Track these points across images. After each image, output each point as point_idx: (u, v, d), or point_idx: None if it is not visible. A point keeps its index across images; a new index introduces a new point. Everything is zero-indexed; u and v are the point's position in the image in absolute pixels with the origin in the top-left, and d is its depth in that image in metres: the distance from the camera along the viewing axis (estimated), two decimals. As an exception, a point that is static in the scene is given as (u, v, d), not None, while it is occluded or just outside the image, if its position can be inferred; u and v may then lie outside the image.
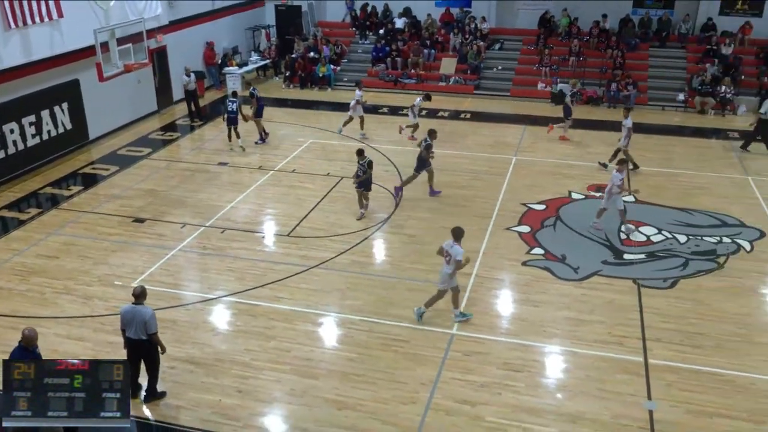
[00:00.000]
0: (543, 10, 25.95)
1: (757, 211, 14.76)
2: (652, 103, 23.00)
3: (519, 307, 11.33)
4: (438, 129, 20.27)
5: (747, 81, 22.83)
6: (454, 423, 8.62)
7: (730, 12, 24.49)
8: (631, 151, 16.93)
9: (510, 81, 24.68)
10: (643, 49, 24.80)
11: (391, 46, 25.71)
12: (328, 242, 13.34)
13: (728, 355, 10.00)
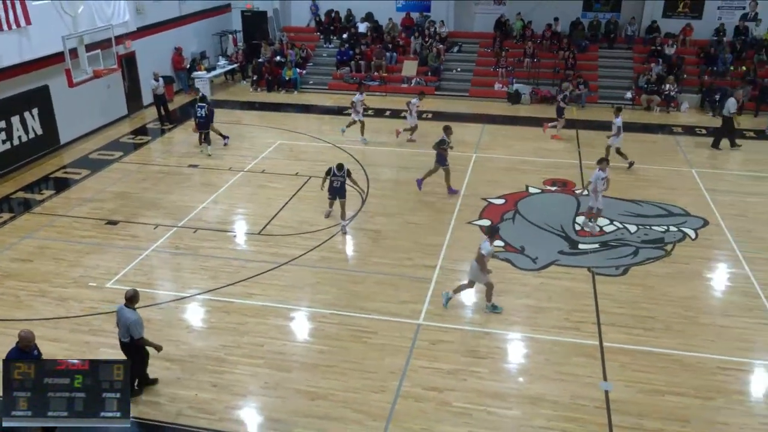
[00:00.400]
0: (498, 14, 26.12)
1: (701, 201, 15.09)
2: (602, 101, 23.31)
3: (482, 297, 11.38)
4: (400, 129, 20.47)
5: (689, 79, 23.30)
6: (422, 409, 8.65)
7: (673, 14, 24.97)
8: (589, 147, 17.20)
9: (468, 82, 24.80)
10: (592, 50, 25.12)
11: (355, 50, 25.62)
12: (297, 240, 13.26)
13: (676, 336, 10.22)
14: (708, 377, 9.31)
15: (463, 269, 12.13)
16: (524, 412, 8.61)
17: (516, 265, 12.32)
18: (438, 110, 22.61)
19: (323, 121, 21.55)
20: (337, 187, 13.39)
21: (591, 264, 12.40)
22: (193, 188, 15.90)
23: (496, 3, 26.30)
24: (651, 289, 11.52)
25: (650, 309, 10.92)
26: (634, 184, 16.03)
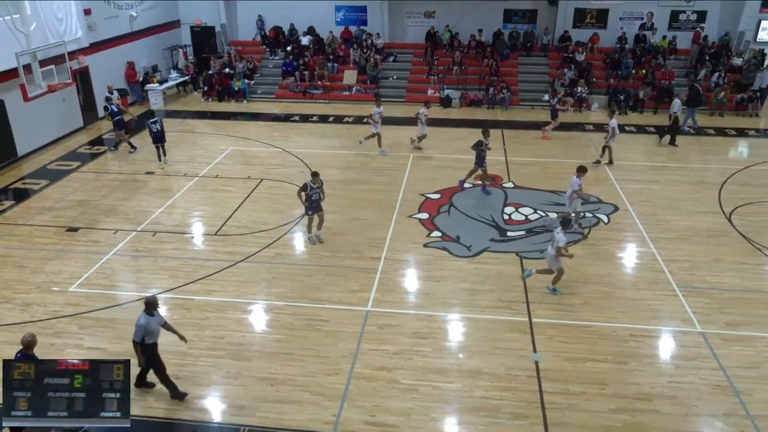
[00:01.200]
0: (428, 27, 26.33)
1: (612, 190, 15.59)
2: (524, 103, 23.82)
3: (423, 283, 11.50)
4: (343, 134, 20.47)
5: (597, 82, 24.02)
6: (374, 387, 8.68)
7: (581, 25, 25.70)
8: (514, 144, 17.50)
9: (404, 89, 24.90)
10: (513, 58, 25.57)
11: (299, 61, 25.35)
12: (252, 238, 13.06)
13: (594, 309, 10.54)
14: (622, 344, 9.65)
15: (406, 259, 12.26)
16: (465, 385, 8.76)
17: (453, 253, 12.46)
18: (377, 115, 22.65)
19: (272, 128, 21.25)
20: (316, 200, 12.38)
21: (519, 249, 12.63)
22: (150, 194, 15.43)
23: (426, 16, 26.50)
24: (571, 269, 11.72)
25: (572, 287, 11.21)
26: (554, 177, 16.38)
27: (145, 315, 7.97)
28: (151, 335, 8.04)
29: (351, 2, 26.62)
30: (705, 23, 24.96)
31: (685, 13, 25.09)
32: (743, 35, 24.63)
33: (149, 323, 7.96)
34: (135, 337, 7.98)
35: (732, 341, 9.68)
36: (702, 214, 14.17)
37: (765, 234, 13.18)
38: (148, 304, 8.00)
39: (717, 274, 11.62)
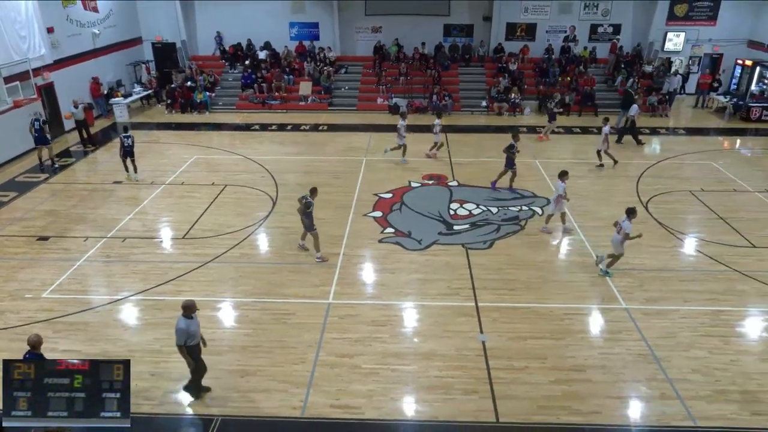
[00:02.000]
0: (376, 41, 26.37)
1: (544, 185, 15.96)
2: (464, 109, 24.11)
3: (379, 275, 11.52)
4: (301, 141, 20.28)
5: (529, 89, 24.56)
6: (337, 373, 8.65)
7: (513, 38, 26.19)
8: (454, 146, 17.66)
9: (356, 98, 24.84)
10: (453, 68, 25.84)
11: (257, 74, 24.97)
12: (218, 240, 12.79)
13: (533, 292, 10.77)
14: (558, 322, 9.89)
15: (362, 254, 12.25)
16: (420, 366, 8.82)
17: (405, 247, 12.52)
18: (331, 123, 22.53)
19: (234, 137, 20.87)
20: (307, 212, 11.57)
21: (464, 241, 12.79)
22: (118, 202, 14.91)
23: (374, 31, 26.52)
24: (512, 257, 12.06)
25: (512, 273, 11.43)
26: (493, 176, 16.55)
27: (184, 319, 7.63)
28: (192, 337, 7.77)
29: (304, 19, 26.40)
30: (620, 35, 25.87)
31: (602, 26, 25.92)
32: (653, 45, 25.65)
33: (189, 326, 7.63)
34: (177, 341, 7.68)
35: (651, 315, 10.07)
36: (623, 204, 14.55)
37: (676, 220, 13.77)
38: (186, 308, 7.64)
39: (637, 256, 12.05)
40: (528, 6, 25.55)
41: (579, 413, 7.89)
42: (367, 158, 18.22)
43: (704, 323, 9.82)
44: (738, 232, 13.09)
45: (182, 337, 7.62)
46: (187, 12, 26.20)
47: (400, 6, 25.70)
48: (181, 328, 7.58)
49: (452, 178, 16.52)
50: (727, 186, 15.81)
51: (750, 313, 10.17)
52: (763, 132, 21.32)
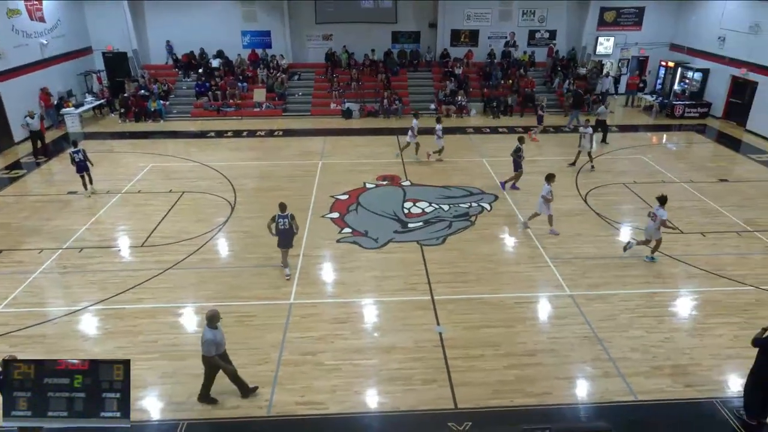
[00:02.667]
0: (327, 48, 26.24)
1: (491, 182, 16.24)
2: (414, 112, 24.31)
3: (338, 274, 11.47)
4: (257, 146, 19.97)
5: (474, 92, 24.95)
6: (301, 371, 8.57)
7: (457, 44, 26.59)
8: (382, 147, 17.77)
9: (309, 103, 24.65)
10: (402, 73, 26.00)
11: (211, 82, 24.42)
12: (178, 247, 12.44)
13: (484, 284, 10.95)
14: (509, 311, 10.09)
15: (321, 254, 12.17)
16: (381, 360, 8.83)
17: (362, 246, 12.52)
18: (286, 128, 22.29)
19: (190, 144, 20.33)
20: (282, 229, 10.81)
21: (418, 238, 12.87)
22: (74, 213, 14.28)
23: (324, 39, 26.37)
24: (464, 252, 12.21)
25: (465, 266, 11.59)
26: (443, 174, 16.87)
27: (210, 329, 7.42)
28: (219, 347, 7.57)
29: (255, 27, 25.99)
30: (556, 40, 26.66)
31: (539, 32, 26.64)
32: (585, 49, 26.54)
33: (216, 336, 7.45)
34: (206, 352, 7.47)
35: (594, 300, 10.41)
36: (564, 197, 15.10)
37: (612, 211, 14.29)
38: (211, 318, 7.43)
39: (579, 245, 12.45)
40: (470, 13, 26.00)
41: (531, 395, 8.08)
42: (322, 161, 18.11)
43: (640, 305, 10.24)
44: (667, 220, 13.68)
45: (211, 348, 7.46)
46: (138, 21, 25.37)
47: (349, 14, 25.68)
48: (209, 339, 7.40)
49: (405, 178, 16.62)
50: (656, 178, 16.53)
51: (680, 294, 10.67)
52: (686, 127, 22.40)
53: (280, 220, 10.80)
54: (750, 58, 21.19)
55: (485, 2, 25.74)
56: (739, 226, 13.34)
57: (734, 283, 10.95)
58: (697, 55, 24.44)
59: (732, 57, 22.20)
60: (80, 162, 15.10)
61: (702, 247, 12.34)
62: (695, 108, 23.46)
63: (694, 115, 23.49)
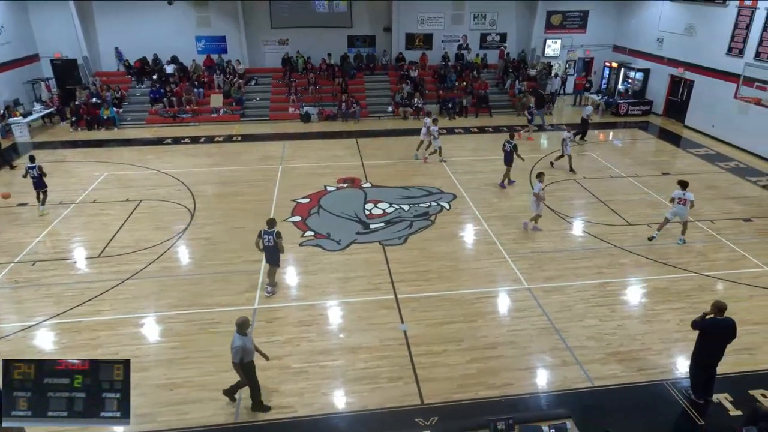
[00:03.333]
0: (283, 53, 25.98)
1: (450, 182, 16.44)
2: (372, 115, 24.33)
3: (302, 277, 11.37)
4: (215, 152, 19.58)
5: (429, 94, 25.17)
6: (268, 376, 8.43)
7: (412, 47, 26.78)
8: (365, 149, 17.73)
9: (267, 108, 24.34)
10: (359, 77, 25.97)
11: (166, 89, 23.79)
12: (137, 256, 12.07)
13: (446, 281, 11.07)
14: (470, 306, 10.23)
15: (284, 258, 11.96)
16: (347, 360, 8.81)
17: (325, 248, 12.45)
18: (245, 133, 21.94)
19: (146, 152, 19.73)
20: (268, 246, 10.22)
21: (380, 239, 12.89)
22: (25, 225, 13.65)
23: (281, 43, 26.09)
24: (425, 250, 12.31)
25: (426, 264, 11.68)
26: (403, 175, 16.95)
27: (240, 336, 7.29)
28: (248, 354, 7.41)
29: (210, 32, 25.47)
30: (506, 43, 27.20)
31: (491, 35, 27.13)
32: (535, 51, 27.19)
33: (245, 343, 7.32)
34: (234, 359, 7.33)
35: (550, 292, 10.68)
36: (519, 194, 15.44)
37: (564, 206, 14.69)
38: (240, 325, 7.31)
39: (534, 240, 12.74)
40: (424, 17, 26.24)
41: (494, 387, 8.22)
42: (283, 166, 17.92)
43: (594, 295, 10.57)
44: (616, 213, 14.20)
45: (239, 355, 7.32)
46: (87, 27, 24.44)
47: (304, 19, 25.50)
48: (239, 345, 7.28)
49: (365, 180, 16.63)
50: (604, 173, 17.09)
51: (630, 283, 11.07)
52: (630, 125, 23.26)
53: (265, 236, 10.18)
54: (686, 58, 22.19)
55: (438, 7, 26.03)
56: (681, 217, 13.94)
57: (679, 270, 11.45)
58: (638, 56, 25.42)
59: (670, 57, 23.19)
60: (34, 178, 14.24)
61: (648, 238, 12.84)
62: (638, 106, 24.41)
63: (637, 112, 24.44)
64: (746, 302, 10.30)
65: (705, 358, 7.74)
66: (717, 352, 7.65)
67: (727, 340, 7.57)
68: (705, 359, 7.75)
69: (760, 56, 18.28)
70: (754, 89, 15.71)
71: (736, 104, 18.53)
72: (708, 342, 7.63)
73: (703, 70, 21.30)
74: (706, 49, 20.96)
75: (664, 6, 23.37)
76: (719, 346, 7.61)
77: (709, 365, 7.78)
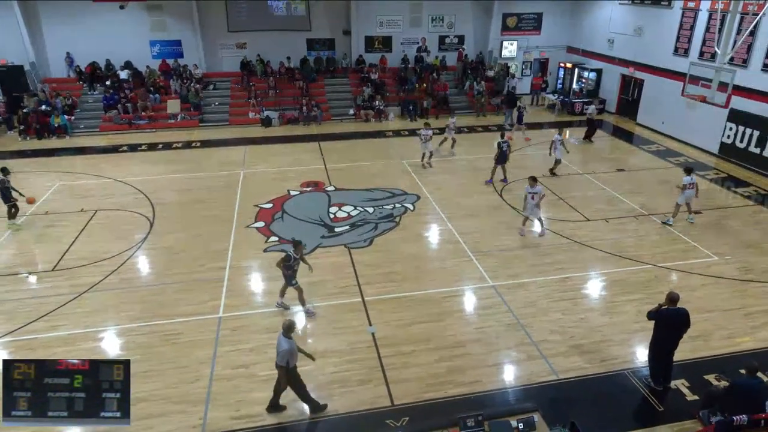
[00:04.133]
0: (241, 56, 25.61)
1: (413, 182, 16.54)
2: (334, 118, 24.25)
3: (267, 283, 11.22)
4: (174, 159, 19.14)
5: (390, 96, 25.28)
6: (235, 385, 8.30)
7: (372, 50, 26.79)
8: (328, 153, 17.64)
9: (227, 113, 23.92)
10: (320, 80, 25.83)
11: (120, 95, 23.09)
12: (94, 268, 11.65)
13: (412, 282, 11.12)
14: (437, 306, 10.31)
15: (249, 265, 11.84)
16: (317, 365, 8.68)
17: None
18: (204, 139, 21.52)
19: (100, 160, 19.09)
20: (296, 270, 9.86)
21: (346, 242, 12.86)
22: (-28, 240, 13.03)
23: (238, 47, 25.69)
24: (390, 252, 12.35)
25: (392, 266, 11.71)
26: (366, 177, 16.95)
27: (286, 340, 7.27)
28: (293, 357, 7.39)
29: (165, 37, 24.85)
30: (464, 45, 27.58)
31: (449, 37, 27.44)
32: (492, 53, 27.67)
33: (292, 347, 7.31)
34: (281, 362, 7.31)
35: (514, 288, 10.87)
36: (481, 194, 15.67)
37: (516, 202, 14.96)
38: (288, 328, 7.32)
39: (497, 238, 12.95)
40: (382, 20, 26.32)
41: (463, 385, 8.30)
42: (245, 171, 17.65)
43: (556, 289, 10.81)
44: (575, 209, 14.57)
45: (285, 358, 7.30)
46: (34, 32, 23.44)
47: (262, 22, 25.18)
48: (286, 349, 7.26)
49: (329, 183, 16.55)
50: (562, 171, 17.52)
51: (590, 276, 11.38)
52: (586, 123, 23.87)
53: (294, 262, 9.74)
54: (635, 58, 23.00)
55: (396, 10, 26.15)
56: (636, 211, 14.44)
57: (635, 262, 11.84)
58: (591, 57, 26.19)
59: (620, 57, 24.00)
60: (5, 191, 13.53)
61: (606, 232, 13.23)
62: (592, 105, 25.07)
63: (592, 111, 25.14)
64: (699, 291, 10.74)
65: (662, 347, 8.03)
66: (672, 341, 7.94)
67: (681, 329, 7.86)
68: (662, 348, 8.04)
69: (703, 55, 19.12)
70: (699, 87, 16.41)
71: (683, 102, 19.31)
72: (663, 332, 7.92)
73: (651, 69, 22.13)
74: (654, 50, 21.78)
75: (614, 8, 24.18)
76: (674, 335, 7.91)
77: (666, 354, 8.07)
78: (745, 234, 13.19)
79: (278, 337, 7.39)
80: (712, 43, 18.24)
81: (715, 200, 15.31)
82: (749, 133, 17.68)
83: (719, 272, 11.40)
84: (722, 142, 18.75)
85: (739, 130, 18.04)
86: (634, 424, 7.64)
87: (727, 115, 18.17)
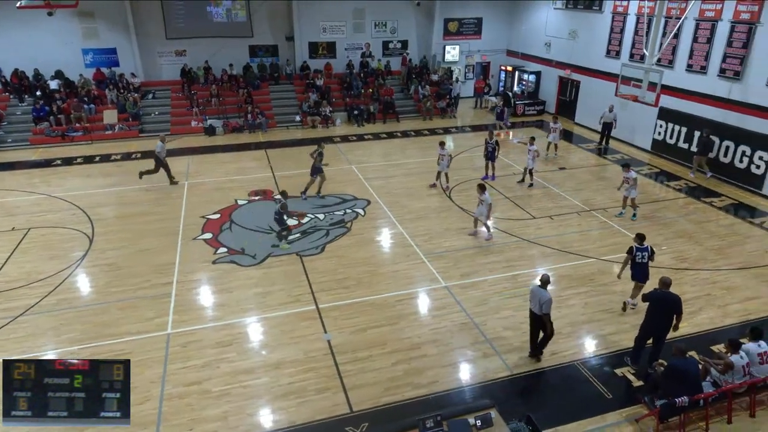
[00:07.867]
0: (181, 64, 24.91)
1: (362, 187, 16.57)
2: (280, 125, 23.96)
3: (218, 296, 10.93)
4: (113, 171, 18.37)
5: (337, 102, 25.27)
6: (188, 403, 8.02)
7: (316, 56, 26.71)
8: (275, 160, 17.39)
9: (168, 122, 23.18)
10: (264, 87, 25.49)
11: (51, 106, 21.95)
12: (28, 290, 11.00)
13: (365, 287, 11.12)
14: (391, 309, 10.35)
15: (197, 278, 11.50)
16: (272, 377, 8.57)
17: (240, 264, 12.07)
18: (145, 150, 20.74)
19: (32, 175, 18.06)
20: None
21: (297, 249, 12.74)
22: None
23: (177, 55, 24.99)
24: (343, 258, 12.30)
25: (345, 272, 11.67)
26: (316, 184, 16.82)
27: (545, 290, 8.29)
28: (548, 305, 8.36)
29: (98, 44, 23.84)
30: (408, 49, 27.92)
31: (392, 42, 27.70)
32: (436, 57, 28.14)
33: (550, 296, 8.35)
34: (547, 310, 8.29)
35: (467, 288, 11.05)
36: (430, 196, 15.87)
37: (473, 204, 15.22)
38: (546, 281, 8.37)
39: (448, 239, 13.14)
40: (325, 26, 26.28)
41: (420, 386, 8.35)
42: (189, 182, 17.14)
43: (507, 287, 11.07)
44: (521, 208, 14.99)
45: (550, 306, 8.33)
46: (-48, 41, 22.02)
47: (201, 29, 24.61)
48: (549, 298, 8.28)
49: (277, 191, 16.31)
50: (508, 171, 18.00)
51: (538, 272, 11.69)
52: (527, 124, 24.71)
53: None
54: (571, 61, 23.97)
55: (339, 16, 26.17)
56: (579, 207, 15.01)
57: (579, 257, 12.30)
58: (530, 60, 27.09)
59: (557, 60, 24.95)
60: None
61: (551, 229, 13.68)
62: (533, 106, 26.00)
63: (533, 112, 26.03)
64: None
65: (647, 329, 8.50)
66: (658, 323, 8.39)
67: (669, 314, 8.28)
68: (647, 329, 8.51)
69: (633, 57, 20.15)
70: (631, 87, 17.28)
71: (617, 101, 20.27)
72: (651, 313, 8.39)
73: (586, 71, 23.12)
74: (588, 52, 22.78)
75: (549, 12, 25.13)
76: (662, 318, 8.33)
77: (657, 336, 8.49)
78: (678, 225, 13.96)
79: (536, 291, 8.34)
80: (640, 46, 19.27)
81: (650, 194, 16.13)
82: (678, 129, 18.76)
83: (657, 262, 11.99)
84: (654, 139, 19.81)
85: (668, 127, 19.12)
86: (585, 413, 7.91)
87: (658, 113, 19.22)
